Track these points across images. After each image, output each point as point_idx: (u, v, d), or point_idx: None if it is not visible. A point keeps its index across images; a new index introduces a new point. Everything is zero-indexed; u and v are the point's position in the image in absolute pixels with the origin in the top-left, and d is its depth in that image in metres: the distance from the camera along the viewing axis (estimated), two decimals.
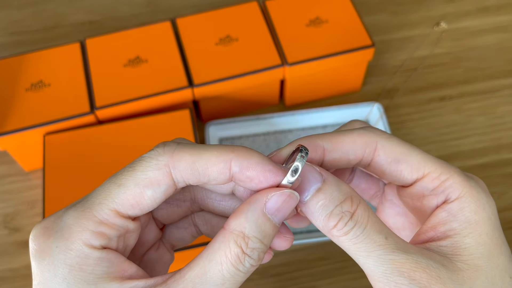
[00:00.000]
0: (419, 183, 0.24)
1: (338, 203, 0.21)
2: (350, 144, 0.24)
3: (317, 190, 0.21)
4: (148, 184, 0.21)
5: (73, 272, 0.20)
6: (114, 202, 0.21)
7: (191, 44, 0.54)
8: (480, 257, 0.22)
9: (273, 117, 0.55)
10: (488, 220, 0.22)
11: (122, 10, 0.67)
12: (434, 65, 0.62)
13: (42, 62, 0.53)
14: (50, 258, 0.21)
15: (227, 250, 0.20)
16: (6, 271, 0.48)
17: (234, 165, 0.21)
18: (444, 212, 0.23)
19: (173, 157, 0.21)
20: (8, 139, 0.49)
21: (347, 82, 0.58)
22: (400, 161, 0.23)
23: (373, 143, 0.24)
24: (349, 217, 0.21)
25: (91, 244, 0.21)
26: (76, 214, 0.21)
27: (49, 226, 0.21)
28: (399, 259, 0.21)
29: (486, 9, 0.66)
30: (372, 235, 0.21)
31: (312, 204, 0.21)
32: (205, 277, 0.20)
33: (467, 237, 0.22)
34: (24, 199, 0.53)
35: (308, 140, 0.24)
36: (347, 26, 0.55)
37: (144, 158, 0.22)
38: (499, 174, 0.53)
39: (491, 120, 0.57)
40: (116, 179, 0.21)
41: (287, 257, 0.49)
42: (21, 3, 0.68)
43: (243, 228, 0.21)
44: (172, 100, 0.51)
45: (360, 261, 0.22)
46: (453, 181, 0.23)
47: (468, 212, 0.22)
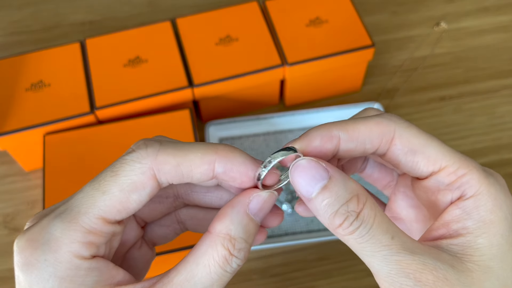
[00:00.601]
0: (435, 176, 0.23)
1: (344, 202, 0.21)
2: (366, 133, 0.23)
3: (323, 187, 0.21)
4: (133, 189, 0.21)
5: (63, 284, 0.20)
6: (100, 209, 0.21)
7: (191, 44, 0.54)
8: (492, 258, 0.21)
9: (273, 117, 0.55)
10: (505, 220, 0.21)
11: (122, 10, 0.67)
12: (434, 65, 0.62)
13: (42, 62, 0.53)
14: (39, 271, 0.20)
15: (214, 253, 0.21)
16: (6, 271, 0.48)
17: (217, 166, 0.22)
18: (458, 209, 0.22)
19: (157, 159, 0.21)
20: (8, 139, 0.49)
21: (347, 82, 0.58)
22: (417, 152, 0.22)
23: (391, 132, 0.23)
24: (355, 217, 0.21)
25: (81, 255, 0.20)
26: (62, 225, 0.20)
27: (34, 238, 0.21)
28: (405, 260, 0.20)
29: (486, 9, 0.66)
30: (378, 235, 0.21)
31: (317, 202, 0.21)
32: (194, 280, 0.20)
33: (480, 237, 0.21)
34: (24, 199, 0.53)
35: (324, 129, 0.23)
36: (347, 26, 0.55)
37: (126, 161, 0.21)
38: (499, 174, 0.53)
39: (491, 120, 0.57)
40: (99, 186, 0.21)
41: (287, 257, 0.49)
42: (21, 3, 0.68)
43: (229, 231, 0.21)
44: (172, 100, 0.51)
45: (366, 260, 0.21)
46: (470, 177, 0.22)
47: (484, 211, 0.21)
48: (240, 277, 0.48)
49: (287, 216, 0.50)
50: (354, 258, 0.49)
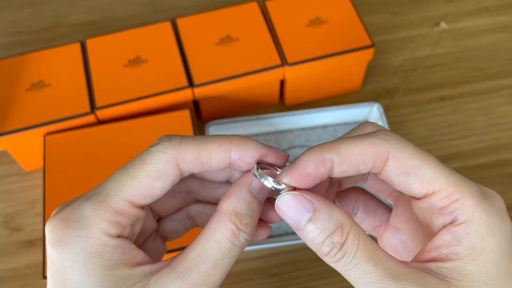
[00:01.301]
0: (428, 199, 0.23)
1: (329, 234, 0.22)
2: (360, 155, 0.23)
3: (309, 219, 0.22)
4: (159, 176, 0.23)
5: (92, 259, 0.22)
6: (128, 193, 0.23)
7: (191, 44, 0.54)
8: (481, 285, 0.21)
9: (273, 117, 0.55)
10: (497, 247, 0.21)
11: (122, 10, 0.67)
12: (434, 65, 0.62)
13: (43, 62, 0.53)
14: (71, 246, 0.22)
15: (223, 228, 0.23)
16: (6, 271, 0.49)
17: (233, 154, 0.24)
18: (449, 235, 0.22)
19: (180, 149, 0.23)
20: (8, 139, 0.49)
21: (347, 82, 0.58)
22: (410, 174, 0.22)
23: (385, 153, 0.23)
24: (339, 248, 0.22)
25: (108, 233, 0.22)
26: (93, 205, 0.22)
27: (67, 217, 0.22)
28: (387, 287, 0.21)
29: (486, 9, 0.66)
30: (360, 263, 0.21)
31: (305, 233, 0.23)
32: (206, 255, 0.22)
33: (470, 264, 0.21)
34: (25, 199, 0.53)
35: (316, 153, 0.23)
36: (347, 26, 0.55)
37: (152, 152, 0.23)
38: (499, 174, 0.54)
39: (490, 120, 0.57)
40: (128, 172, 0.23)
41: (287, 257, 0.49)
42: (21, 3, 0.68)
43: (235, 207, 0.23)
44: (172, 100, 0.52)
45: (352, 284, 0.22)
46: (463, 203, 0.22)
47: (474, 238, 0.21)
48: (240, 276, 0.48)
49: None
50: None
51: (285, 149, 0.55)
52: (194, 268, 0.22)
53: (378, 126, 0.26)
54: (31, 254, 0.49)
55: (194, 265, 0.22)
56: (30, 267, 0.49)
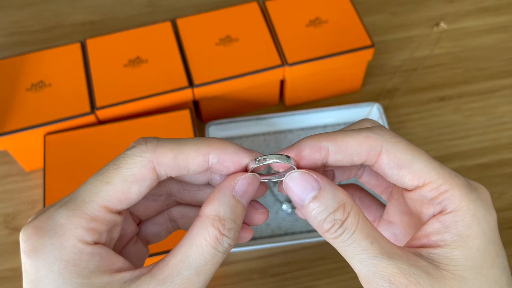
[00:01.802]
0: (419, 190, 0.24)
1: (332, 211, 0.23)
2: (355, 147, 0.24)
3: (314, 197, 0.23)
4: (134, 180, 0.23)
5: (68, 267, 0.21)
6: (103, 198, 0.22)
7: (191, 44, 0.54)
8: (467, 269, 0.23)
9: (273, 117, 0.55)
10: (482, 235, 0.23)
11: (123, 10, 0.67)
12: (433, 65, 0.62)
13: (43, 62, 0.53)
14: (45, 255, 0.21)
15: (205, 234, 0.22)
16: (6, 271, 0.49)
17: (212, 157, 0.24)
18: (438, 223, 0.24)
19: (156, 153, 0.23)
20: (8, 139, 0.49)
21: (347, 82, 0.58)
22: (402, 167, 0.24)
23: (378, 147, 0.24)
24: (340, 225, 0.23)
25: (84, 240, 0.22)
26: (68, 212, 0.22)
27: (41, 225, 0.22)
28: (381, 263, 0.22)
29: (486, 9, 0.66)
30: (358, 240, 0.23)
31: (309, 210, 0.23)
32: (188, 261, 0.22)
33: (456, 250, 0.23)
34: (25, 199, 0.53)
35: (314, 140, 0.24)
36: (346, 27, 0.55)
37: (128, 155, 0.23)
38: (499, 174, 0.54)
39: (490, 120, 0.57)
40: (103, 177, 0.23)
41: (287, 257, 0.49)
42: (21, 3, 0.68)
43: (217, 212, 0.23)
44: (172, 100, 0.52)
45: (349, 261, 0.24)
46: (452, 194, 0.23)
47: (461, 226, 0.23)
48: (240, 276, 0.48)
49: (287, 216, 0.50)
50: None
51: None
52: (176, 275, 0.22)
53: (376, 123, 0.27)
54: None
55: (176, 272, 0.22)
56: None
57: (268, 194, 0.52)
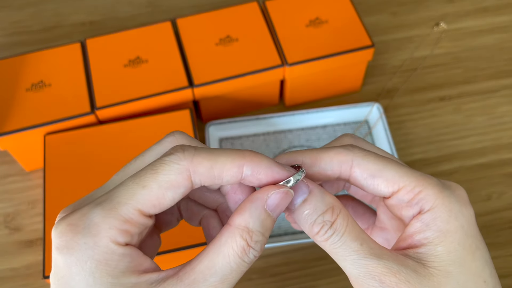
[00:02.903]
0: (396, 196, 0.26)
1: (321, 213, 0.24)
2: (327, 162, 0.26)
3: (304, 200, 0.24)
4: (170, 187, 0.23)
5: (99, 267, 0.22)
6: (138, 202, 0.23)
7: (191, 44, 0.54)
8: (451, 263, 0.24)
9: (273, 117, 0.55)
10: (460, 229, 0.24)
11: (123, 10, 0.67)
12: (433, 65, 0.62)
13: (43, 62, 0.53)
14: (78, 253, 0.22)
15: (233, 243, 0.23)
16: (6, 271, 0.49)
17: (246, 169, 0.24)
18: (418, 222, 0.25)
19: (193, 161, 0.23)
20: (8, 139, 0.49)
21: (347, 82, 0.58)
22: (375, 176, 0.25)
23: (349, 161, 0.26)
24: (329, 226, 0.24)
25: (116, 241, 0.22)
26: (103, 212, 0.22)
27: (76, 223, 0.22)
28: (371, 264, 0.23)
29: (486, 9, 0.66)
30: (348, 242, 0.24)
31: (299, 213, 0.24)
32: (214, 269, 0.23)
33: (439, 245, 0.24)
34: (25, 199, 0.53)
35: (289, 156, 0.26)
36: (346, 27, 0.55)
37: (166, 162, 0.23)
38: (499, 174, 0.54)
39: (490, 120, 0.57)
40: (140, 180, 0.23)
41: (287, 257, 0.49)
42: (21, 3, 0.68)
43: (247, 224, 0.23)
44: (172, 100, 0.52)
45: (340, 263, 0.24)
46: (426, 193, 0.25)
47: (440, 221, 0.24)
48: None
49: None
50: None
51: (285, 149, 0.55)
52: (202, 281, 0.22)
53: (355, 137, 0.28)
54: (31, 254, 0.49)
55: (202, 277, 0.22)
56: (30, 267, 0.49)
57: None
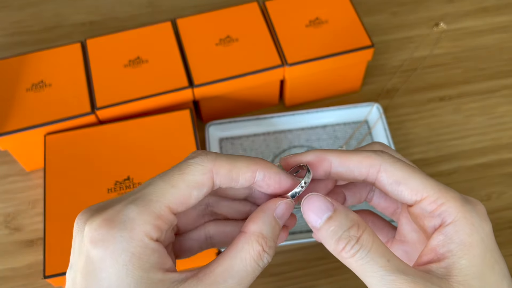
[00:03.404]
0: (418, 205, 0.26)
1: (346, 229, 0.25)
2: (356, 163, 0.27)
3: (329, 217, 0.25)
4: (196, 186, 0.25)
5: (133, 260, 0.23)
6: (168, 200, 0.24)
7: (192, 44, 0.54)
8: (473, 277, 0.24)
9: (273, 117, 0.55)
10: (481, 243, 0.25)
11: (123, 10, 0.68)
12: (433, 65, 0.62)
13: (43, 62, 0.53)
14: (114, 246, 0.23)
15: (250, 249, 0.25)
16: (7, 271, 0.49)
17: (258, 174, 0.27)
18: (441, 235, 0.25)
19: (216, 164, 0.26)
20: (9, 139, 0.49)
21: (346, 83, 0.58)
22: (400, 183, 0.26)
23: (377, 165, 0.27)
24: (355, 241, 0.24)
25: (150, 236, 0.24)
26: (137, 209, 0.24)
27: (112, 218, 0.24)
28: (399, 280, 0.23)
29: (485, 9, 0.66)
30: (375, 258, 0.24)
31: (324, 230, 0.25)
32: (232, 272, 0.24)
33: (463, 258, 0.24)
34: (25, 199, 0.53)
35: (319, 153, 0.28)
36: (346, 27, 0.55)
37: (191, 164, 0.25)
38: (498, 173, 0.54)
39: (490, 120, 0.57)
40: (169, 180, 0.25)
41: (287, 257, 0.49)
42: (21, 3, 0.68)
43: (261, 230, 0.25)
44: (173, 100, 0.52)
45: (366, 280, 0.24)
46: (448, 206, 0.25)
47: (463, 234, 0.25)
48: None
49: None
50: None
51: (285, 149, 0.55)
52: (221, 282, 0.24)
53: (385, 145, 0.29)
54: (32, 253, 0.49)
55: (222, 279, 0.24)
56: (31, 267, 0.49)
57: None
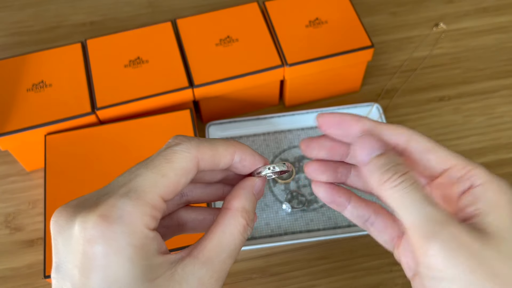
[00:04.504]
0: (447, 173, 0.28)
1: (395, 164, 0.26)
2: (388, 130, 0.29)
3: (380, 154, 0.27)
4: (184, 174, 0.26)
5: (137, 252, 0.24)
6: (160, 190, 0.25)
7: (192, 44, 0.54)
8: (504, 229, 0.25)
9: (273, 117, 0.56)
10: (509, 203, 0.26)
11: (123, 11, 0.68)
12: (433, 65, 0.62)
13: (44, 63, 0.53)
14: (117, 242, 0.23)
15: (237, 223, 0.27)
16: (7, 270, 0.49)
17: (236, 156, 0.28)
18: (470, 196, 0.27)
19: (199, 150, 0.27)
20: (9, 139, 0.49)
21: (346, 83, 0.59)
22: (430, 151, 0.28)
23: (407, 135, 0.29)
24: (402, 173, 0.26)
25: (149, 226, 0.24)
26: (132, 202, 0.24)
27: (107, 214, 0.24)
28: (436, 212, 0.25)
29: (485, 9, 0.66)
30: (417, 190, 0.26)
31: (373, 163, 0.27)
32: (223, 246, 0.26)
33: (491, 214, 0.26)
34: (26, 199, 0.53)
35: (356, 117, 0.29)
36: (346, 27, 0.55)
37: (177, 151, 0.26)
38: (498, 174, 0.53)
39: (489, 120, 0.57)
40: (158, 170, 0.25)
41: (287, 256, 0.49)
42: (22, 3, 0.68)
43: (244, 206, 0.27)
44: (173, 101, 0.52)
45: (402, 212, 0.26)
46: (477, 171, 0.27)
47: (491, 194, 0.26)
48: (240, 276, 0.48)
49: (287, 215, 0.51)
50: (353, 257, 0.49)
51: (285, 149, 0.55)
52: (215, 257, 0.26)
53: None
54: (32, 253, 0.50)
55: (215, 254, 0.26)
56: (31, 267, 0.49)
57: (268, 194, 0.52)
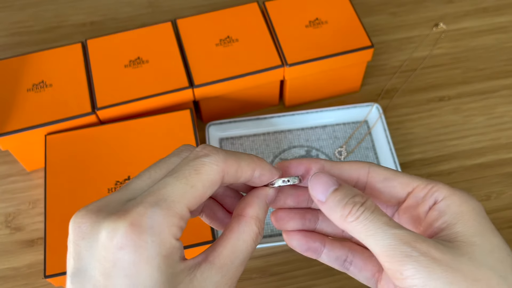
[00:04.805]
0: (411, 195, 0.29)
1: (351, 196, 0.27)
2: (346, 166, 0.30)
3: (335, 190, 0.28)
4: (210, 185, 0.26)
5: (165, 261, 0.24)
6: (188, 200, 0.26)
7: (192, 45, 0.54)
8: (473, 235, 0.26)
9: (273, 117, 0.56)
10: (472, 210, 0.27)
11: (123, 11, 0.68)
12: (433, 65, 0.62)
13: (44, 63, 0.53)
14: (147, 251, 0.24)
15: (251, 231, 0.28)
16: (7, 270, 0.49)
17: (256, 172, 0.29)
18: (435, 211, 0.28)
19: (226, 163, 0.27)
20: (10, 139, 0.49)
21: (346, 83, 0.59)
22: (392, 179, 0.29)
23: (366, 167, 0.30)
24: (361, 204, 0.27)
25: (176, 237, 0.25)
26: (163, 212, 0.25)
27: (138, 223, 0.24)
28: (401, 233, 0.26)
29: (485, 10, 0.67)
30: (379, 216, 0.26)
31: (330, 200, 0.27)
32: (237, 253, 0.27)
33: (457, 224, 0.27)
34: (26, 199, 0.53)
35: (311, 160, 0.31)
36: (346, 27, 0.55)
37: (206, 163, 0.26)
38: (498, 173, 0.54)
39: (489, 120, 0.58)
40: (187, 181, 0.26)
41: (287, 256, 0.49)
42: (22, 4, 0.68)
43: (258, 214, 0.28)
44: (173, 101, 0.52)
45: (368, 240, 0.26)
46: (439, 187, 0.28)
47: (454, 206, 0.27)
48: (240, 275, 0.48)
49: None
50: None
51: (285, 149, 0.55)
52: (230, 264, 0.27)
53: None
54: (32, 253, 0.50)
55: (230, 261, 0.27)
56: (31, 267, 0.49)
57: None
